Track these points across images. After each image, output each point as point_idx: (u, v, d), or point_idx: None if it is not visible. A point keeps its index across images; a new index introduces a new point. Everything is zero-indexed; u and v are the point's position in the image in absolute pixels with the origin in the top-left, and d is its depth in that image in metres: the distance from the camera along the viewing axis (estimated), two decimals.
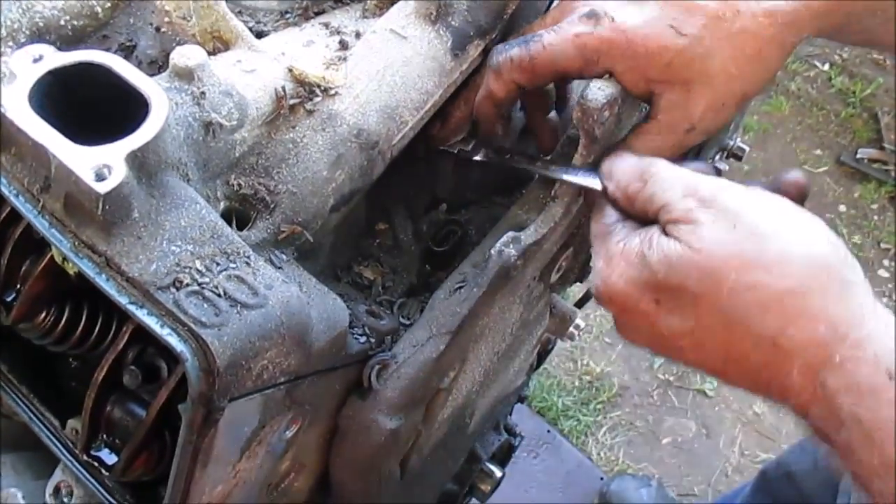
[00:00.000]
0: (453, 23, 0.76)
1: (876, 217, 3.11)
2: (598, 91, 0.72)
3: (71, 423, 0.69)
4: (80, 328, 0.68)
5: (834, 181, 3.20)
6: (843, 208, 3.13)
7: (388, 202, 0.89)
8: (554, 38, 0.72)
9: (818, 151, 3.29)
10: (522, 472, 2.29)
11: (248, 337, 0.56)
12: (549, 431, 2.44)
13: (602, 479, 2.34)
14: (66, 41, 0.76)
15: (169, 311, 0.55)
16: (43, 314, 0.67)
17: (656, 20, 0.70)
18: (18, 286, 0.68)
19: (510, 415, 1.26)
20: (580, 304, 1.19)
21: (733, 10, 0.70)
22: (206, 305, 0.56)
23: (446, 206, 0.93)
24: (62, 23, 0.76)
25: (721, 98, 0.73)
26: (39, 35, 0.74)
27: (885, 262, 3.00)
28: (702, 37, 0.70)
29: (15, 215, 0.66)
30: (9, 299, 0.68)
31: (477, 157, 0.84)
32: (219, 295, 0.57)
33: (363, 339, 0.73)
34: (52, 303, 0.67)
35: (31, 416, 0.71)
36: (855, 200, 3.16)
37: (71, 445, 0.68)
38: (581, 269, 1.08)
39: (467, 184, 0.96)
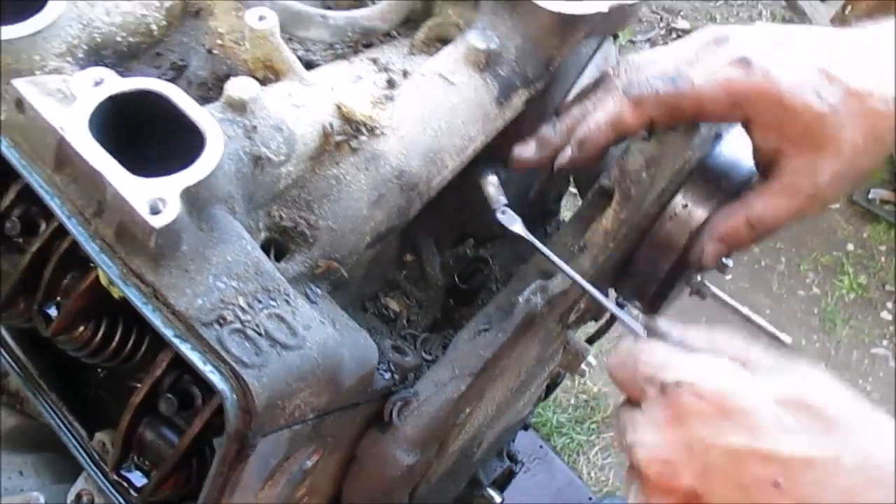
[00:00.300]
0: (501, 72, 0.77)
1: (883, 259, 3.12)
2: (639, 154, 0.74)
3: (98, 435, 0.71)
4: (114, 342, 0.70)
5: (844, 219, 3.22)
6: (851, 247, 3.15)
7: (417, 234, 0.91)
8: (704, 79, 0.72)
9: None
10: (513, 486, 2.30)
11: (285, 378, 0.58)
12: (541, 447, 2.46)
13: (591, 498, 2.35)
14: (121, 57, 0.78)
15: (212, 347, 0.56)
16: (81, 328, 0.69)
17: (803, 81, 0.71)
18: (58, 298, 0.70)
19: (513, 441, 1.27)
20: (591, 340, 1.20)
21: (868, 90, 0.72)
22: (247, 344, 0.57)
23: (473, 241, 0.95)
24: (118, 39, 0.77)
25: (846, 171, 0.74)
26: (97, 50, 0.75)
27: (889, 305, 3.01)
28: (839, 108, 0.71)
29: (60, 231, 0.67)
30: (48, 311, 0.69)
31: (516, 228, 0.80)
32: (260, 334, 0.58)
33: (387, 374, 0.75)
34: (91, 318, 0.69)
35: (60, 424, 0.73)
36: (864, 240, 3.17)
37: (97, 458, 0.70)
38: (598, 309, 1.10)
39: (495, 220, 0.97)
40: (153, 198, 0.57)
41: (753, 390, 0.55)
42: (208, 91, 0.80)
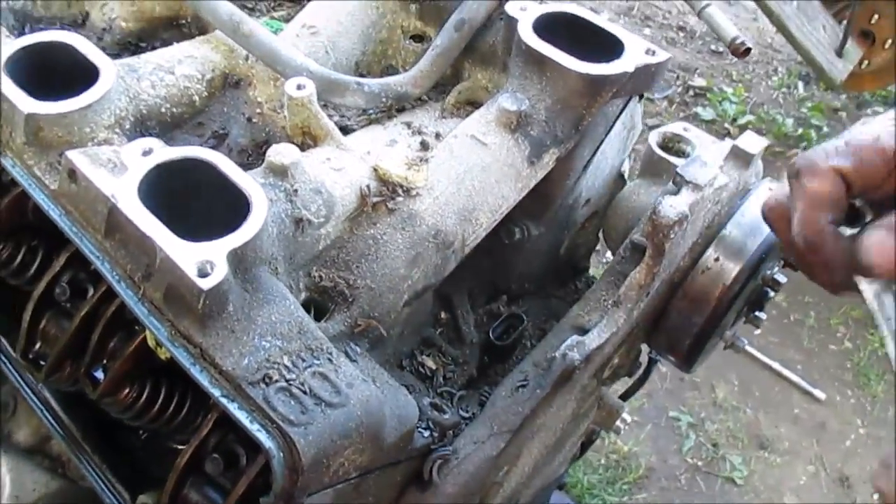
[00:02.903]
0: (532, 132, 0.80)
1: None
2: (671, 208, 0.75)
3: (142, 498, 0.71)
4: (157, 404, 0.71)
5: None
6: None
7: (451, 291, 0.92)
8: (879, 124, 0.61)
9: None
10: None
11: (330, 436, 0.58)
12: None
13: None
14: (165, 127, 0.81)
15: (259, 406, 0.57)
16: (126, 390, 0.70)
17: None
18: (105, 361, 0.71)
19: (547, 501, 1.26)
20: (625, 396, 1.19)
21: None
22: (293, 403, 0.58)
23: (506, 298, 0.96)
24: (163, 110, 0.81)
25: None
26: (142, 121, 0.78)
27: None
28: None
29: (107, 295, 0.69)
30: (95, 374, 0.71)
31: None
32: (305, 392, 0.59)
33: (427, 433, 0.75)
34: (135, 380, 0.70)
35: (103, 486, 0.73)
36: None
37: None
38: (631, 365, 1.09)
39: (527, 276, 0.99)
40: (201, 260, 0.59)
41: None
42: (248, 158, 0.83)
